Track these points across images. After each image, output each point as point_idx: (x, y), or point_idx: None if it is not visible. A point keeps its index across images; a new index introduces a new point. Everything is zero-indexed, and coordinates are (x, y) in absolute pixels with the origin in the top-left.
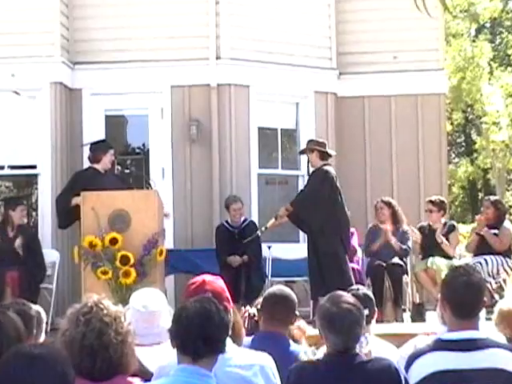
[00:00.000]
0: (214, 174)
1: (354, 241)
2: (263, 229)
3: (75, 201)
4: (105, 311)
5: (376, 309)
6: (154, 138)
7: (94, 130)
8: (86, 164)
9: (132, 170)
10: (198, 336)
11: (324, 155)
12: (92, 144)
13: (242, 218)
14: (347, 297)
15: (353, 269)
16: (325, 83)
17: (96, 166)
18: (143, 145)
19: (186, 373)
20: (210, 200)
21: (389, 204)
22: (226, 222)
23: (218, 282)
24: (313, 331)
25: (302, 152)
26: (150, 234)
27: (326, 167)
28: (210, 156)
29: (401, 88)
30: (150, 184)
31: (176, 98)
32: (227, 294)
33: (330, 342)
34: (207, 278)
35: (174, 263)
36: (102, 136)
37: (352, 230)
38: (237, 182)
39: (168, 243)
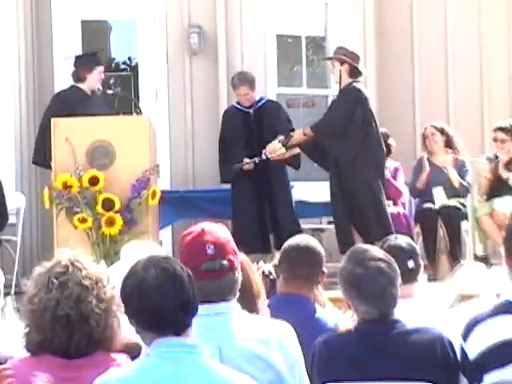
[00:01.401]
0: (220, 95)
1: (400, 179)
2: (264, 157)
3: None
4: (84, 272)
5: (422, 262)
6: (144, 49)
7: (67, 40)
8: (59, 83)
9: (117, 90)
10: (175, 307)
11: (354, 71)
12: (77, 58)
13: (257, 98)
14: (373, 251)
15: (397, 214)
16: None
17: (80, 85)
18: (130, 59)
19: (173, 347)
20: (217, 128)
21: (441, 130)
22: (237, 103)
23: (220, 231)
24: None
25: (329, 59)
26: (139, 170)
27: (356, 84)
28: (215, 72)
29: None
30: (139, 108)
31: None
32: (233, 245)
33: (359, 310)
34: (207, 226)
35: (171, 208)
36: (77, 48)
37: (396, 164)
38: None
39: (163, 183)
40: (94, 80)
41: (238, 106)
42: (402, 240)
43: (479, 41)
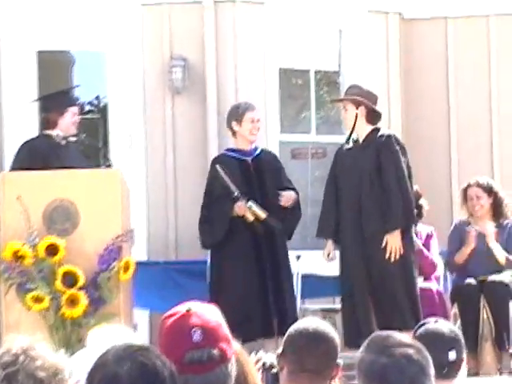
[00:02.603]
0: (210, 143)
1: (434, 248)
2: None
3: None
4: (38, 362)
5: (465, 354)
6: (116, 86)
7: (19, 76)
8: (9, 132)
9: (81, 137)
10: None
11: (373, 115)
12: (43, 99)
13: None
14: (397, 336)
15: (430, 291)
16: None
17: (50, 132)
18: (98, 98)
19: None
20: (205, 181)
21: (489, 189)
22: (229, 150)
23: (210, 313)
24: None
25: (340, 100)
26: (109, 237)
27: (386, 131)
28: (203, 115)
29: (504, 2)
30: (109, 160)
31: (150, 24)
32: (225, 331)
33: None
34: (193, 306)
35: (149, 284)
36: (31, 85)
37: (429, 230)
38: None
39: (139, 252)
40: (66, 125)
41: (233, 154)
42: (442, 325)
43: None
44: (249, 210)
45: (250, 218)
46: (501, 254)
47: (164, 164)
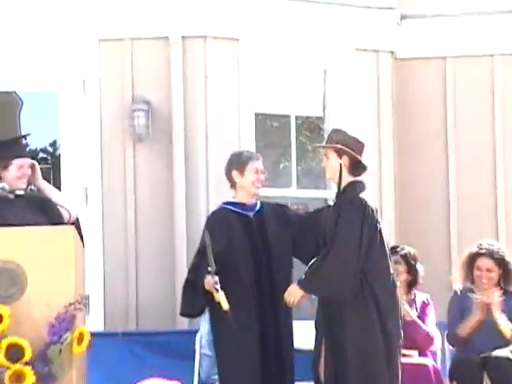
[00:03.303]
0: (176, 198)
1: (430, 318)
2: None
3: None
4: None
5: None
6: (70, 132)
7: None
8: None
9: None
10: None
11: (357, 166)
12: None
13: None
14: None
15: (425, 368)
16: (375, 34)
17: None
18: (52, 145)
19: None
20: (170, 244)
21: (500, 261)
22: (228, 203)
23: None
24: None
25: (322, 147)
26: (61, 304)
27: (359, 191)
28: (169, 166)
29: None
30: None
31: (109, 62)
32: None
33: None
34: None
35: (106, 357)
36: None
37: (424, 297)
38: None
39: (95, 321)
40: (11, 179)
41: (233, 208)
42: None
43: None
44: (216, 292)
45: (216, 298)
46: (507, 327)
47: (124, 221)
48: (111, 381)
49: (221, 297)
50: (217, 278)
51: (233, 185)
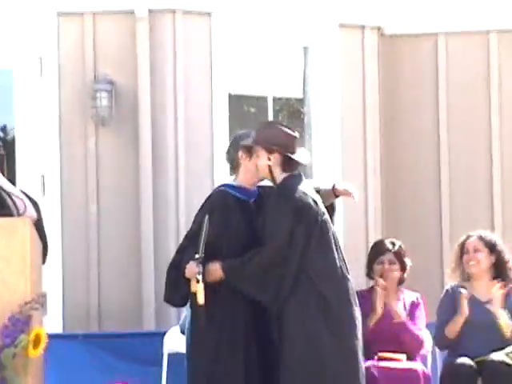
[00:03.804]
0: (142, 186)
1: (420, 319)
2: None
3: None
4: None
5: None
6: (26, 115)
7: None
8: None
9: None
10: None
11: (289, 162)
12: None
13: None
14: None
15: (414, 373)
16: (360, 8)
17: None
18: (5, 129)
19: None
20: (136, 235)
21: (491, 245)
22: (229, 186)
23: None
24: None
25: (246, 148)
26: (14, 303)
27: (294, 185)
28: (135, 151)
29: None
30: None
31: (69, 38)
32: None
33: None
34: None
35: (65, 362)
36: None
37: (414, 296)
38: (187, 202)
39: (53, 322)
40: None
41: (234, 193)
42: None
43: None
44: (196, 282)
45: (193, 288)
46: (506, 324)
47: (85, 213)
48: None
49: (199, 289)
50: (201, 268)
51: (235, 167)
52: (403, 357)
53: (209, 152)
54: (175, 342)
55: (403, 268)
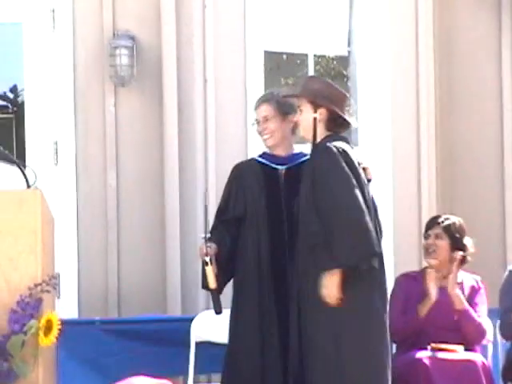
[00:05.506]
0: (166, 154)
1: (482, 306)
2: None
3: None
4: None
5: None
6: (36, 75)
7: None
8: None
9: None
10: None
11: (337, 121)
12: None
13: (291, 150)
14: None
15: (473, 364)
16: None
17: None
18: (14, 90)
19: None
20: (161, 211)
21: None
22: (264, 155)
23: None
24: None
25: (294, 96)
26: (24, 285)
27: (335, 144)
28: (159, 115)
29: None
30: (25, 176)
31: None
32: None
33: None
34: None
35: (80, 350)
36: None
37: (473, 280)
38: (218, 174)
39: (67, 307)
40: None
41: (262, 160)
42: None
43: None
44: (205, 265)
45: (205, 262)
46: None
47: (103, 184)
48: (87, 380)
49: (208, 272)
50: (210, 250)
51: (292, 129)
52: (460, 348)
53: (242, 115)
54: (204, 329)
55: (456, 246)
